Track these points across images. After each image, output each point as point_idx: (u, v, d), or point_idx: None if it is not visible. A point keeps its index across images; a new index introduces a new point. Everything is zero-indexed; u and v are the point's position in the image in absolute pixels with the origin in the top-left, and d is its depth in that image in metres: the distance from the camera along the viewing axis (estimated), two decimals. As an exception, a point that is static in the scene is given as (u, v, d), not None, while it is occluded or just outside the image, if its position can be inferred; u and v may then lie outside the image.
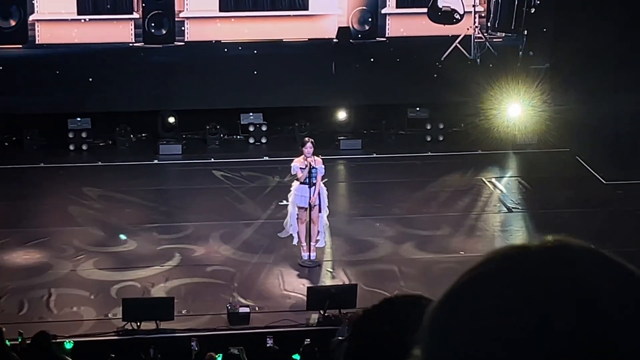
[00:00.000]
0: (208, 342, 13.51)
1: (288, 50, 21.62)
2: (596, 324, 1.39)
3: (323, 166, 15.75)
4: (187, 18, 21.40)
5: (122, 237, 16.97)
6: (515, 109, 21.51)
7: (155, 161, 20.80)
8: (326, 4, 21.69)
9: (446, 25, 21.75)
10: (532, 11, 21.65)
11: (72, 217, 17.76)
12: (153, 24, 21.12)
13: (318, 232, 15.95)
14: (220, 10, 21.37)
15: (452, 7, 21.66)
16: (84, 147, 21.19)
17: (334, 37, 21.64)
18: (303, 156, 15.57)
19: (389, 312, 2.41)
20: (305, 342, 13.30)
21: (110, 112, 21.30)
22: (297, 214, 15.87)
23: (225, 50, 21.56)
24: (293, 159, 15.86)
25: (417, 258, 16.39)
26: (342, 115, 21.67)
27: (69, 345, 13.30)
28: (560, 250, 1.46)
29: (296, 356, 13.07)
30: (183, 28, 21.33)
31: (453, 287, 1.48)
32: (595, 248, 1.47)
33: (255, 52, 21.55)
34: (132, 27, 21.30)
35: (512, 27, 21.77)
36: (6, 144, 21.18)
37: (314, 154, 15.61)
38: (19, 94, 20.75)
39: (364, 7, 21.72)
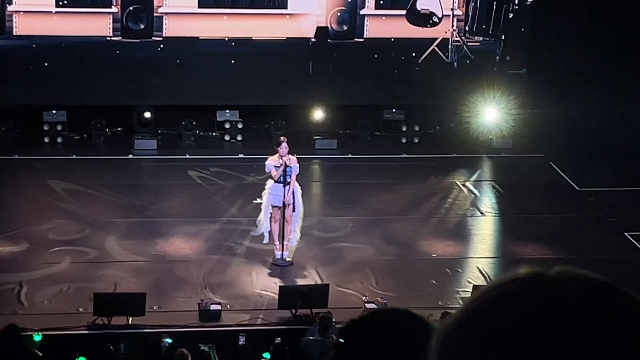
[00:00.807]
0: (179, 338, 13.49)
1: (266, 48, 21.60)
2: None
3: (298, 165, 15.75)
4: (166, 13, 21.36)
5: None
6: (491, 113, 21.60)
7: (130, 156, 20.76)
8: (305, 4, 21.68)
9: (424, 28, 21.79)
10: (510, 16, 21.72)
11: (45, 210, 17.69)
12: (131, 19, 21.07)
13: (291, 231, 15.95)
14: (199, 6, 21.34)
15: (430, 10, 21.70)
16: (59, 139, 21.13)
17: (312, 36, 21.65)
18: (278, 155, 15.56)
19: (376, 324, 2.44)
20: (276, 341, 13.31)
21: (86, 106, 21.23)
22: (271, 213, 15.86)
23: (203, 46, 21.52)
24: (268, 157, 15.85)
25: (390, 259, 16.41)
26: (318, 114, 21.68)
27: (37, 337, 13.26)
28: (572, 283, 1.47)
29: (266, 354, 13.07)
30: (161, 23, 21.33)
31: (463, 310, 1.49)
32: (608, 281, 1.47)
33: (233, 48, 21.53)
34: (110, 21, 21.24)
35: (490, 32, 21.83)
36: (-20, 135, 21.09)
37: (289, 152, 15.62)
38: (-6, 84, 20.68)
39: (343, 8, 21.73)
